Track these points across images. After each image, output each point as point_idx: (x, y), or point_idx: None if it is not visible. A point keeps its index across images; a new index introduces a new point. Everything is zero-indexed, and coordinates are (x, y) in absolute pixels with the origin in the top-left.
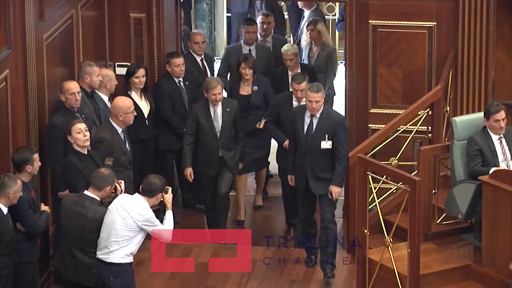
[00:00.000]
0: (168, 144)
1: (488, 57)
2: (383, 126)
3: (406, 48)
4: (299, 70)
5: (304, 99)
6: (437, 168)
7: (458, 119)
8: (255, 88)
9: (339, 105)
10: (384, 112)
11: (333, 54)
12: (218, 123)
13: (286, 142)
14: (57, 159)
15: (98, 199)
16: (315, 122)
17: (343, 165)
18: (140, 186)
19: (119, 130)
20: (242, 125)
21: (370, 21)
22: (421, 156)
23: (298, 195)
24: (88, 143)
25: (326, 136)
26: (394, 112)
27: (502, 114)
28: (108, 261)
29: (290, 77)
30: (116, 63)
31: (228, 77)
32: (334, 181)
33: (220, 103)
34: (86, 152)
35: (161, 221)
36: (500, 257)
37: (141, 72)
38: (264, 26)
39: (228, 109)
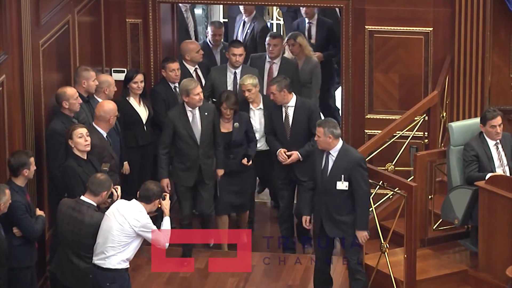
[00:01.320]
0: None
1: (485, 62)
2: (379, 131)
3: (402, 53)
4: (261, 105)
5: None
6: (434, 174)
7: (455, 124)
8: (236, 124)
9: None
10: (381, 117)
11: (317, 68)
12: (197, 129)
13: (280, 151)
14: (59, 166)
15: (95, 204)
16: (331, 161)
17: (362, 205)
18: (138, 192)
19: (104, 134)
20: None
21: (366, 27)
22: (418, 161)
23: (314, 238)
24: (88, 148)
25: (343, 176)
26: (391, 117)
27: (498, 120)
28: (104, 266)
29: (252, 112)
30: (112, 69)
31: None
32: (358, 226)
33: (197, 108)
34: (85, 157)
35: (159, 227)
36: (497, 262)
37: (140, 77)
38: (270, 48)
39: (206, 113)
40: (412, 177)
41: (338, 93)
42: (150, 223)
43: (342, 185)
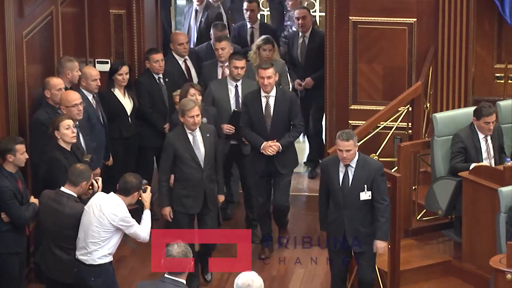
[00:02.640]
0: (149, 140)
1: (468, 53)
2: (363, 122)
3: (386, 44)
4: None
5: (267, 87)
6: (418, 164)
7: (439, 115)
8: (204, 120)
9: None
10: (365, 108)
11: (284, 68)
12: (200, 151)
13: (264, 144)
14: (40, 155)
15: (75, 195)
16: (351, 172)
17: (385, 216)
18: (117, 185)
19: (71, 124)
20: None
21: (350, 18)
22: (401, 152)
23: (331, 255)
24: (75, 140)
25: (365, 186)
26: (375, 108)
27: (493, 117)
28: (87, 263)
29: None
30: (96, 60)
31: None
32: (378, 235)
33: (198, 129)
34: (70, 149)
35: (140, 221)
36: (480, 252)
37: (125, 69)
38: (219, 53)
39: (208, 135)
40: (396, 167)
41: None
42: (129, 217)
43: (365, 195)
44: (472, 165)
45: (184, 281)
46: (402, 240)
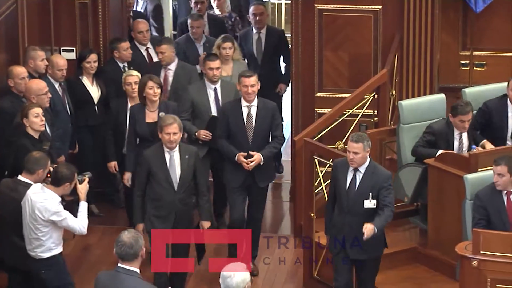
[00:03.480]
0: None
1: (434, 40)
2: (329, 110)
3: (352, 32)
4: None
5: (251, 95)
6: (383, 152)
7: (404, 102)
8: (162, 114)
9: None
10: (330, 96)
11: (245, 67)
12: (175, 172)
13: (238, 155)
14: (7, 143)
15: (32, 183)
16: (358, 177)
17: (386, 214)
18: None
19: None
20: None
21: (316, 5)
22: None
23: (333, 260)
24: (43, 128)
25: (370, 194)
26: (340, 96)
27: (468, 116)
28: (36, 258)
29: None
30: (61, 48)
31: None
32: (374, 221)
33: (177, 148)
34: (38, 137)
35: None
36: (446, 239)
37: (93, 57)
38: (160, 56)
39: (186, 156)
40: None
41: None
42: (60, 210)
43: (370, 203)
44: (439, 152)
45: (138, 270)
46: None
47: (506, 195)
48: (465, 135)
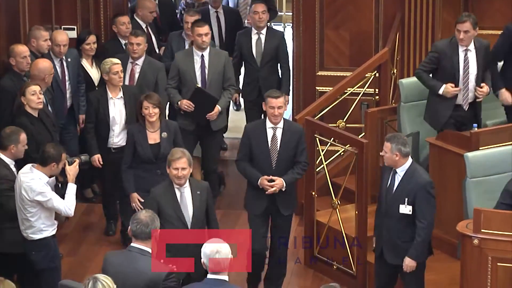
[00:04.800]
0: None
1: (435, 19)
2: (330, 88)
3: (353, 10)
4: (120, 93)
5: (277, 117)
6: (384, 130)
7: (405, 81)
8: (164, 134)
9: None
10: (332, 74)
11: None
12: (188, 211)
13: (262, 179)
14: (6, 122)
15: (6, 159)
16: (397, 180)
17: (422, 236)
18: None
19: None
20: (149, 183)
21: None
22: (368, 118)
23: (375, 262)
24: (41, 106)
25: (406, 199)
26: (342, 74)
27: (465, 26)
28: (28, 239)
29: (111, 101)
30: (62, 26)
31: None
32: (409, 253)
33: (187, 184)
34: (37, 115)
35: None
36: (447, 218)
37: (92, 38)
38: (134, 48)
39: (198, 192)
40: (363, 133)
41: None
42: (45, 191)
43: (405, 209)
44: (442, 88)
45: (150, 250)
46: (369, 206)
47: None
48: (472, 55)
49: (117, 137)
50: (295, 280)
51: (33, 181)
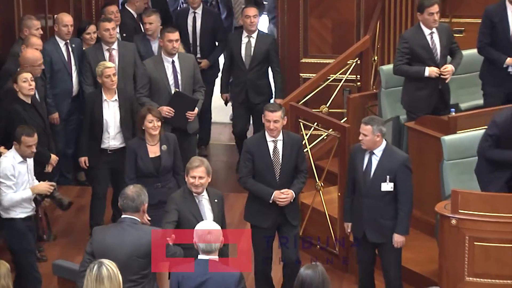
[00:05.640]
0: None
1: (414, 8)
2: (314, 75)
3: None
4: (116, 96)
5: (273, 131)
6: (366, 115)
7: (386, 67)
8: (164, 147)
9: None
10: (315, 61)
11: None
12: (207, 218)
13: (275, 193)
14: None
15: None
16: (375, 161)
17: (405, 210)
18: None
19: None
20: (150, 197)
21: None
22: (350, 103)
23: (357, 245)
24: (32, 92)
25: (388, 177)
26: (325, 61)
27: (436, 8)
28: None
29: (106, 103)
30: (55, 16)
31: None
32: (397, 229)
33: (205, 193)
34: (29, 102)
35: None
36: (426, 199)
37: (92, 28)
38: (109, 33)
39: (216, 200)
40: (345, 118)
41: None
42: (9, 174)
43: (387, 186)
44: (427, 70)
45: (139, 220)
46: None
47: None
48: (436, 36)
49: (114, 140)
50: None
51: (4, 159)
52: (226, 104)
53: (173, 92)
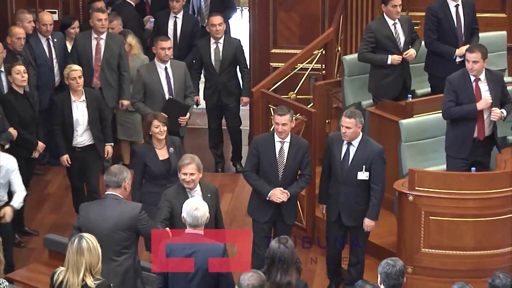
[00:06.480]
0: None
1: (374, 3)
2: (283, 64)
3: None
4: (83, 97)
5: (282, 134)
6: (330, 101)
7: (348, 57)
8: (172, 149)
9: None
10: (284, 52)
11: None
12: None
13: (272, 192)
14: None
15: None
16: (352, 151)
17: (378, 198)
18: None
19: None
20: (160, 197)
21: None
22: (316, 90)
23: (327, 226)
24: (25, 84)
25: (364, 166)
26: (293, 52)
27: (399, 1)
28: None
29: (74, 104)
30: (45, 10)
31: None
32: (368, 214)
33: (198, 188)
34: (22, 92)
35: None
36: (386, 177)
37: (76, 23)
38: (101, 24)
39: (209, 195)
40: (312, 104)
41: None
42: None
43: (363, 175)
44: (389, 58)
45: (122, 196)
46: (317, 167)
47: (474, 81)
48: (399, 26)
49: (81, 137)
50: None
51: None
52: (197, 105)
53: (167, 97)
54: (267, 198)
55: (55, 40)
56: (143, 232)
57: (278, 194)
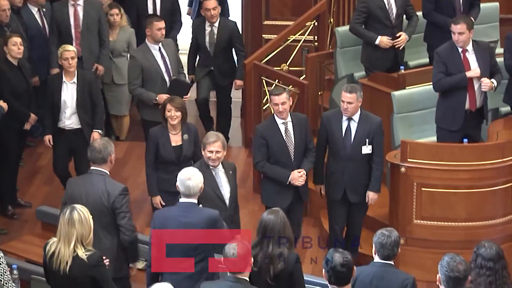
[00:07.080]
0: None
1: None
2: (275, 36)
3: None
4: (75, 79)
5: (283, 113)
6: (323, 73)
7: (341, 29)
8: (186, 136)
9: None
10: (276, 23)
11: (132, 37)
12: (224, 189)
13: (292, 176)
14: None
15: None
16: (353, 126)
17: (380, 170)
18: None
19: None
20: (171, 184)
21: None
22: (308, 62)
23: (331, 206)
24: (20, 56)
25: (367, 140)
26: (285, 23)
27: None
28: None
29: (64, 85)
30: None
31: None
32: (372, 187)
33: (221, 165)
34: (16, 64)
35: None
36: None
37: None
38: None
39: (230, 172)
40: (304, 76)
41: None
42: None
43: (367, 149)
44: (378, 39)
45: (107, 171)
46: None
47: (462, 52)
48: (392, 1)
49: (69, 120)
50: (244, 205)
51: None
52: (192, 84)
53: (166, 78)
54: (288, 183)
55: (44, 9)
56: (118, 219)
57: (298, 177)
